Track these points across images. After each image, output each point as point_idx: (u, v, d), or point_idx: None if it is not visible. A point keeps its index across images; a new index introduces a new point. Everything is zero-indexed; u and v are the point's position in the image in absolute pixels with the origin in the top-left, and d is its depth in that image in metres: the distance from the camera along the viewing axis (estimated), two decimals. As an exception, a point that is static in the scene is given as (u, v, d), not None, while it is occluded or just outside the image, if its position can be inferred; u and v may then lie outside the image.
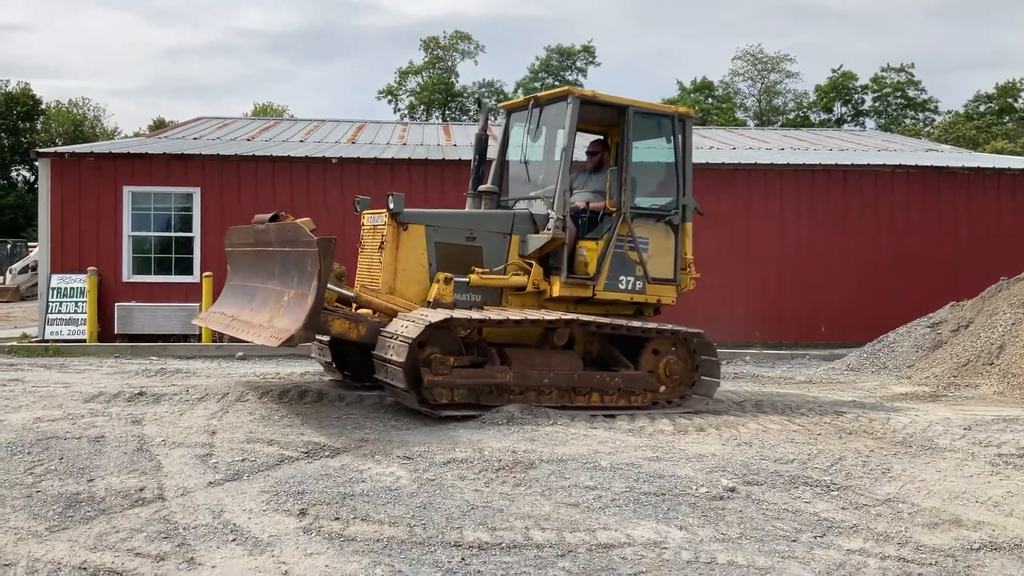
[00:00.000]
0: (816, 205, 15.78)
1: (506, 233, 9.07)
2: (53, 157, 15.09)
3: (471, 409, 7.96)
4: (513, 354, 8.29)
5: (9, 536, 4.56)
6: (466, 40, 63.55)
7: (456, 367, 7.96)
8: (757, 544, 4.64)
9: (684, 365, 9.02)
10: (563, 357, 8.57)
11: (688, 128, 9.49)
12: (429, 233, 8.84)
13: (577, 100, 8.93)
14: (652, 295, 9.29)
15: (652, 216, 9.30)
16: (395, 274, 8.73)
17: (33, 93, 54.89)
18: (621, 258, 9.05)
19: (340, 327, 8.15)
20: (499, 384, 8.11)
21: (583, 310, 9.00)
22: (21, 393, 8.97)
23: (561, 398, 8.35)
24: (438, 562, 4.29)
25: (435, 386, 7.86)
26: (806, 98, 61.29)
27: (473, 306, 8.73)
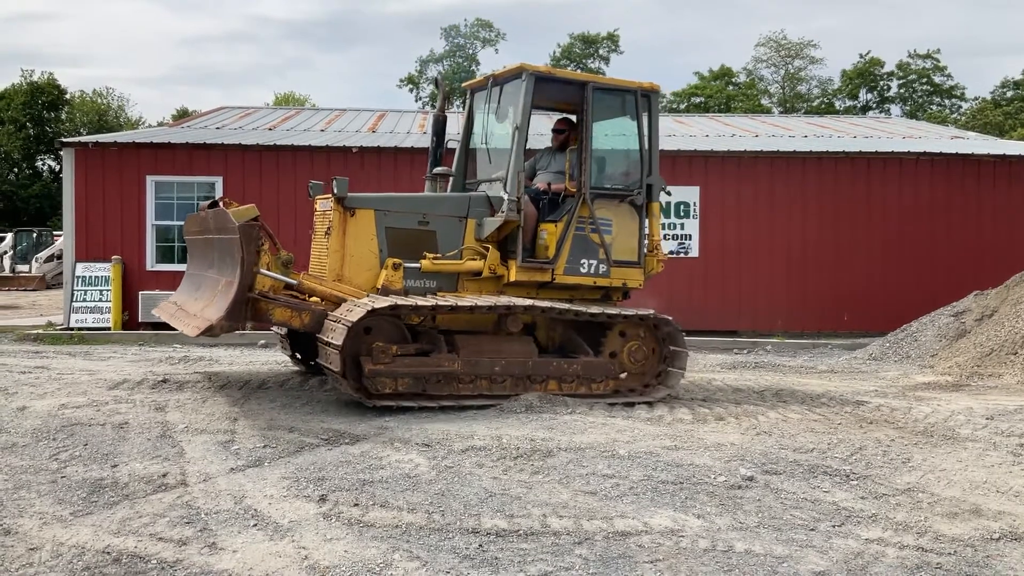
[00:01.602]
0: (840, 193, 15.64)
1: (462, 217, 8.79)
2: (77, 147, 15.23)
3: (417, 400, 7.79)
4: (462, 341, 8.11)
5: (34, 521, 4.64)
6: (487, 28, 63.38)
7: (400, 356, 7.80)
8: (775, 533, 4.64)
9: (649, 353, 8.74)
10: (516, 344, 8.33)
11: (654, 104, 9.11)
12: (379, 218, 8.62)
13: (532, 77, 8.58)
14: (617, 279, 8.97)
15: (614, 197, 8.96)
16: (343, 261, 8.55)
17: (58, 83, 55.35)
18: (582, 241, 8.74)
19: (282, 315, 7.98)
20: (447, 373, 7.93)
21: (546, 295, 8.75)
22: (46, 380, 9.09)
23: (516, 386, 8.10)
24: (456, 548, 4.32)
25: (377, 375, 7.69)
26: (831, 84, 60.71)
27: (427, 292, 8.51)
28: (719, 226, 15.36)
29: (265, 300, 7.93)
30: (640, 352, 8.69)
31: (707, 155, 15.60)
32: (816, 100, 59.82)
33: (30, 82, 54.59)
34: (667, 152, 15.50)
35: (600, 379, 8.41)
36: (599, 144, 9.05)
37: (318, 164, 15.23)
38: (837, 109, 56.35)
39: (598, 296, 9.07)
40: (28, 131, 53.22)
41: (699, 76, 60.21)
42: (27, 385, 8.73)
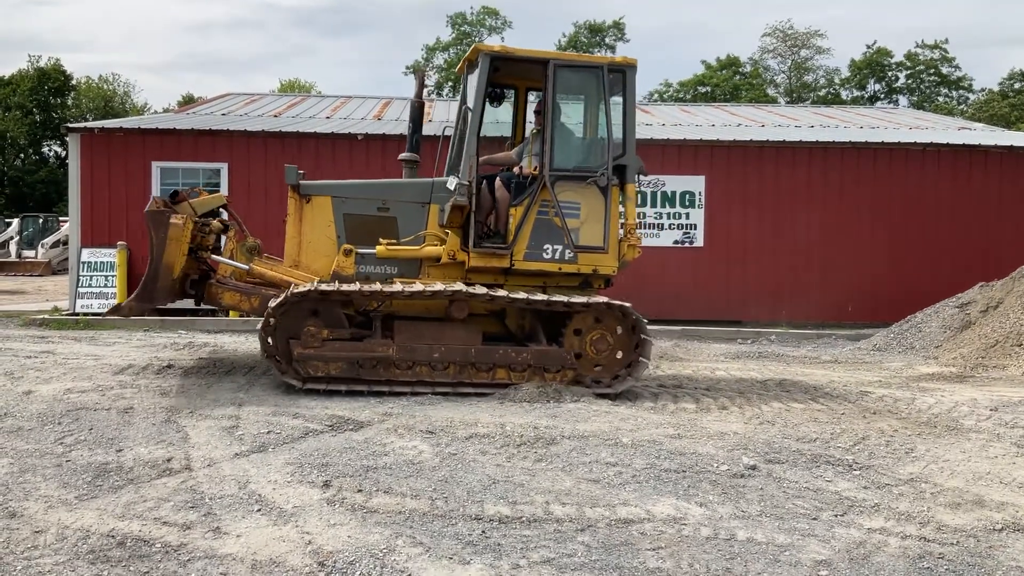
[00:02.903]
0: (845, 183, 15.59)
1: (424, 203, 8.66)
2: (83, 132, 15.23)
3: (350, 384, 7.84)
4: (399, 327, 8.08)
5: (40, 504, 4.66)
6: (494, 15, 63.24)
7: (331, 340, 7.90)
8: (777, 522, 4.65)
9: (613, 344, 8.33)
10: (459, 331, 8.14)
11: (629, 80, 8.54)
12: (336, 204, 8.68)
13: (487, 58, 8.35)
14: (585, 265, 8.50)
15: (578, 179, 8.46)
16: (299, 247, 8.72)
17: (64, 69, 55.36)
18: (546, 225, 8.38)
19: (231, 299, 8.41)
20: (382, 358, 7.95)
21: (515, 282, 8.51)
22: (52, 365, 9.12)
23: (459, 374, 8.01)
24: (459, 534, 4.34)
25: (306, 359, 7.83)
26: (837, 74, 60.45)
27: (388, 279, 8.50)
28: (724, 216, 15.33)
29: (217, 284, 8.45)
30: (603, 342, 8.29)
31: (713, 144, 15.56)
32: (823, 90, 59.58)
33: (37, 68, 54.59)
34: (673, 141, 15.50)
35: (555, 368, 8.12)
36: (567, 124, 8.78)
37: (323, 151, 15.23)
38: (844, 99, 56.15)
39: (575, 284, 8.66)
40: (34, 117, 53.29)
41: (706, 65, 60.00)
42: (33, 370, 8.76)
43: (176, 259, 8.14)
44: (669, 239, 15.21)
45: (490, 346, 8.14)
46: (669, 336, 13.48)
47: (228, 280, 8.63)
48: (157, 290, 7.93)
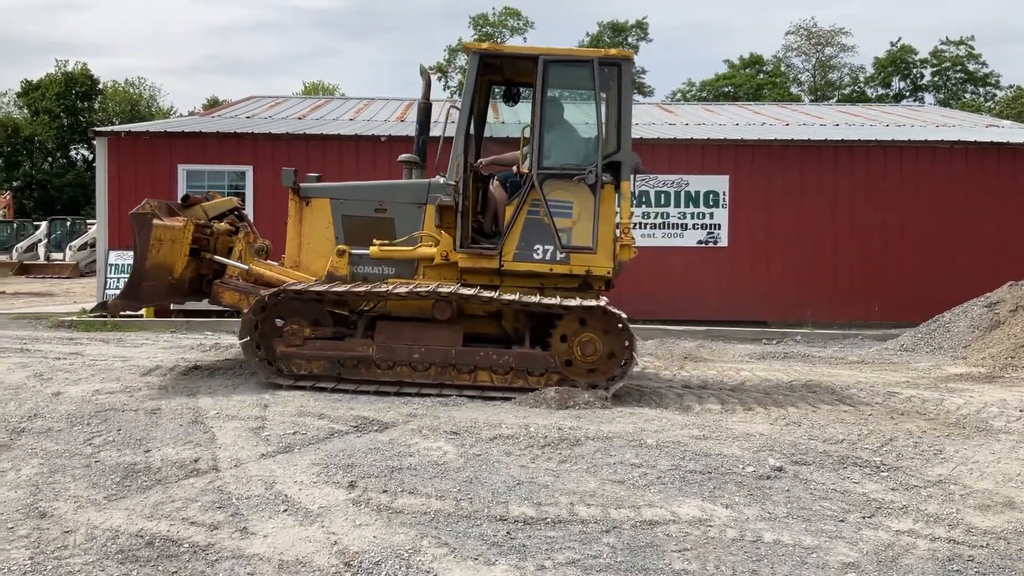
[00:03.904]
0: (871, 182, 15.46)
1: (420, 204, 8.59)
2: (110, 136, 15.40)
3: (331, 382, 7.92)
4: (380, 327, 8.11)
5: (69, 504, 4.72)
6: (516, 16, 63.27)
7: (313, 339, 8.03)
8: (804, 524, 4.62)
9: (602, 347, 8.02)
10: (439, 332, 8.05)
11: (624, 74, 8.23)
12: (335, 206, 8.77)
13: (476, 56, 8.28)
14: (578, 266, 8.25)
15: (566, 177, 8.20)
16: (299, 248, 8.87)
17: (91, 73, 55.99)
18: (537, 225, 8.19)
19: (231, 298, 8.65)
20: (362, 357, 8.00)
21: (511, 283, 8.37)
22: (81, 366, 9.23)
23: (440, 375, 7.98)
24: (484, 535, 4.35)
25: (288, 357, 8.02)
26: (862, 72, 59.98)
27: (385, 279, 8.52)
28: (749, 216, 15.24)
29: (220, 284, 8.75)
30: (590, 346, 8.00)
31: (737, 144, 15.48)
32: (848, 88, 59.12)
33: (64, 72, 55.25)
34: (696, 141, 15.44)
35: (539, 372, 7.95)
36: (559, 121, 8.59)
37: (347, 153, 15.30)
38: (869, 97, 55.68)
39: (573, 285, 8.40)
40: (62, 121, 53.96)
41: (729, 64, 59.73)
42: (62, 371, 8.86)
43: (176, 260, 8.48)
44: (693, 239, 15.15)
45: (471, 348, 8.05)
46: (693, 337, 13.43)
47: (230, 280, 8.85)
48: (143, 289, 8.17)
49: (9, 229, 35.86)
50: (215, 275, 9.02)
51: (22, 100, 56.03)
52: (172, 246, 8.40)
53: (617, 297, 14.56)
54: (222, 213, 9.44)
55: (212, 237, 9.08)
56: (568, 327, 8.00)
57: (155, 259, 8.18)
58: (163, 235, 8.23)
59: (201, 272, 9.05)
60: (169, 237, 8.33)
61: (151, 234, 8.03)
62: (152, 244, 8.07)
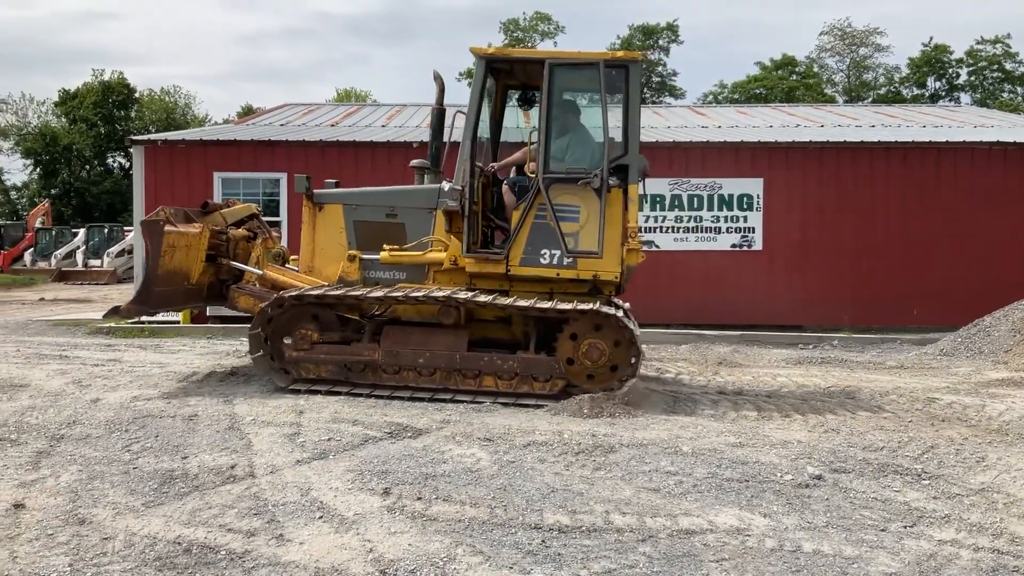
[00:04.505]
0: (908, 184, 15.25)
1: (431, 209, 8.59)
2: (147, 144, 15.60)
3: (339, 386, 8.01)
4: (387, 331, 8.15)
5: (108, 511, 4.76)
6: (546, 21, 63.27)
7: (320, 343, 8.11)
8: (844, 533, 4.55)
9: (608, 353, 7.92)
10: (445, 337, 8.07)
11: (631, 77, 8.11)
12: (347, 212, 8.86)
13: (482, 61, 8.28)
14: (585, 270, 8.15)
15: (571, 181, 8.10)
16: (313, 253, 8.98)
17: (127, 82, 56.78)
18: (544, 229, 8.13)
19: (246, 303, 8.81)
20: (368, 362, 8.04)
21: (520, 288, 8.32)
22: (119, 373, 9.34)
23: (445, 380, 7.97)
24: (519, 543, 4.32)
25: (298, 361, 8.12)
26: (897, 72, 59.25)
27: (396, 283, 8.54)
28: (783, 219, 15.10)
29: (236, 289, 8.92)
30: (595, 352, 7.91)
31: (771, 146, 15.35)
32: (882, 88, 58.42)
33: (101, 81, 56.06)
34: (729, 143, 15.33)
35: (544, 378, 7.90)
36: (566, 124, 8.49)
37: (379, 159, 15.38)
38: (905, 98, 54.97)
39: (583, 290, 8.31)
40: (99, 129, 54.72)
41: (761, 66, 59.27)
42: (100, 377, 8.97)
43: (192, 266, 8.65)
44: (727, 243, 15.03)
45: (475, 353, 8.04)
46: (727, 341, 13.31)
47: (245, 285, 9.00)
48: (154, 295, 8.32)
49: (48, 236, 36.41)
50: (234, 280, 9.17)
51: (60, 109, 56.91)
52: (188, 252, 8.56)
53: (648, 301, 14.54)
54: (240, 219, 9.59)
55: (229, 243, 9.23)
56: (572, 332, 7.95)
57: (168, 265, 8.32)
58: (176, 241, 8.37)
59: (221, 277, 9.22)
60: (184, 243, 8.48)
61: (163, 240, 8.16)
62: (164, 250, 8.20)
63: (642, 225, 14.89)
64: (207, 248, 8.84)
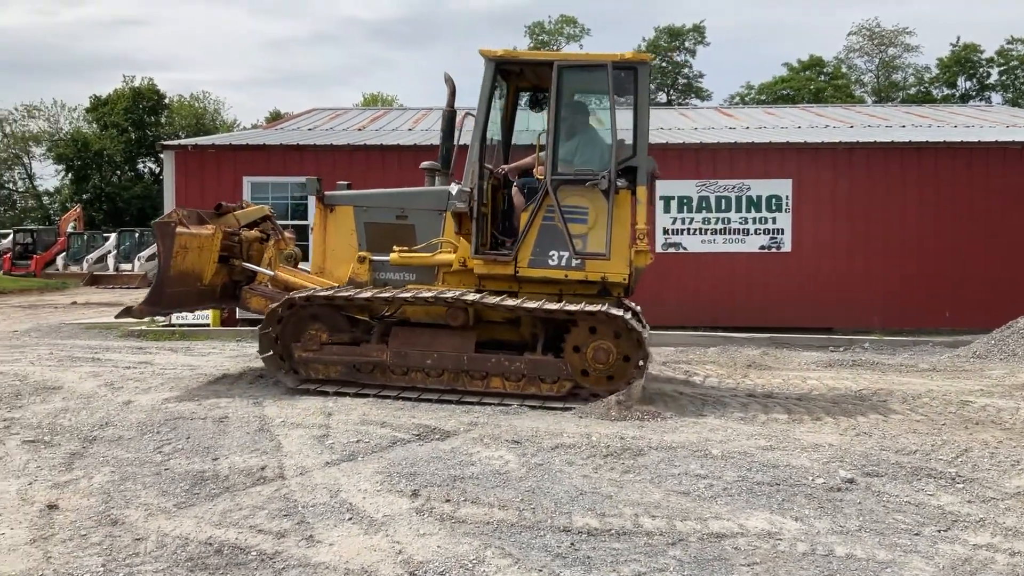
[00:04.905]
0: (940, 185, 15.06)
1: (440, 210, 8.63)
2: (178, 149, 15.76)
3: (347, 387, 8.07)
4: (395, 332, 8.19)
5: (140, 512, 4.81)
6: (571, 24, 63.23)
7: (330, 344, 8.18)
8: (877, 537, 4.49)
9: (615, 354, 7.88)
10: (453, 338, 8.09)
11: (640, 78, 8.06)
12: (357, 213, 8.93)
13: (491, 63, 8.24)
14: (593, 272, 8.12)
15: (579, 183, 8.08)
16: (324, 254, 9.05)
17: (157, 88, 57.38)
18: (552, 231, 8.12)
19: (258, 304, 8.89)
20: (376, 363, 8.08)
21: (530, 289, 8.33)
22: (150, 375, 9.43)
23: (453, 381, 8.00)
24: (547, 546, 4.31)
25: (307, 361, 8.20)
26: (927, 73, 58.55)
27: (405, 284, 8.61)
28: (813, 220, 14.96)
29: (248, 290, 9.01)
30: (602, 353, 7.86)
31: (800, 147, 15.22)
32: (912, 88, 57.78)
33: (132, 87, 56.70)
34: (758, 144, 15.22)
35: (552, 379, 7.90)
36: (574, 126, 8.47)
37: (406, 162, 15.40)
38: (935, 98, 54.31)
39: (592, 292, 8.31)
40: (130, 135, 55.32)
41: (788, 67, 58.82)
42: (132, 380, 9.07)
43: (205, 267, 8.75)
44: (755, 244, 14.92)
45: (483, 354, 8.06)
46: (757, 344, 13.21)
47: (257, 286, 9.09)
48: (166, 295, 8.43)
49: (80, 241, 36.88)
50: (248, 281, 9.26)
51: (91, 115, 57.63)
52: (200, 253, 8.66)
53: (675, 303, 14.47)
54: (254, 221, 9.68)
55: (242, 244, 9.34)
56: (580, 333, 7.93)
57: (180, 266, 8.42)
58: (188, 243, 8.46)
59: (234, 278, 9.32)
60: (196, 245, 8.57)
61: (174, 242, 8.26)
62: (176, 251, 8.31)
63: (669, 227, 14.86)
64: (220, 249, 8.96)
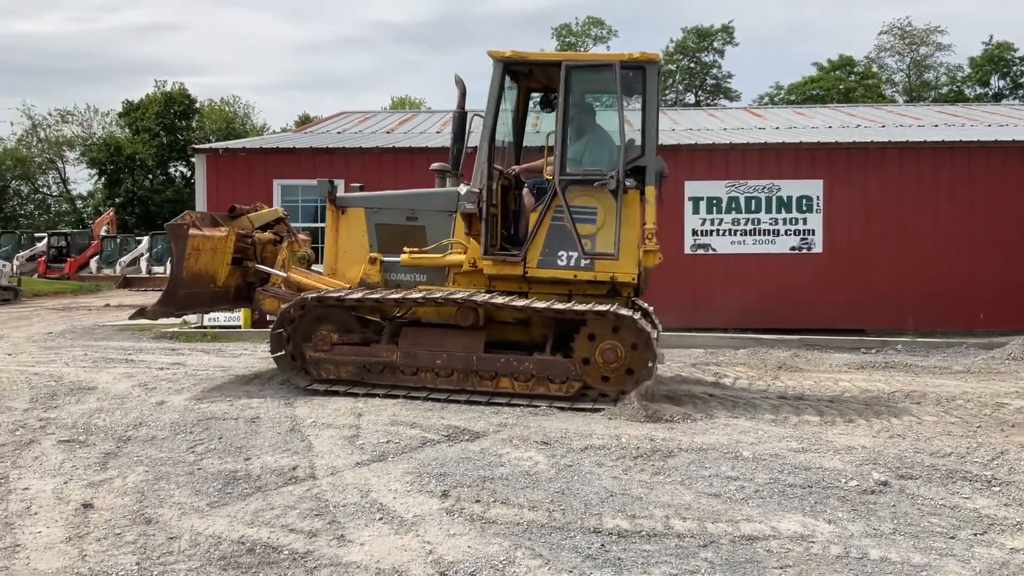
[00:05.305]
0: (974, 185, 14.86)
1: (451, 211, 8.64)
2: (209, 153, 15.93)
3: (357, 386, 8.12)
4: (405, 333, 8.22)
5: (174, 511, 4.86)
6: (599, 25, 63.12)
7: (340, 344, 8.23)
8: (912, 540, 4.44)
9: (625, 355, 7.83)
10: (462, 338, 8.11)
11: (648, 78, 8.06)
12: (369, 215, 8.99)
13: (499, 64, 8.33)
14: (602, 272, 8.12)
15: (588, 182, 8.08)
16: (336, 256, 9.11)
17: (188, 92, 58.00)
18: (561, 231, 8.13)
19: (271, 305, 8.96)
20: (387, 363, 8.11)
21: (539, 290, 8.33)
22: (183, 376, 9.53)
23: (463, 381, 8.01)
24: (578, 547, 4.30)
25: (319, 362, 8.29)
26: (960, 72, 57.81)
27: (416, 286, 8.65)
28: (844, 221, 14.82)
29: (261, 291, 9.09)
30: (611, 353, 7.83)
31: (831, 147, 15.08)
32: (944, 88, 57.07)
33: (163, 92, 57.35)
34: (788, 145, 15.11)
35: (561, 380, 7.88)
36: (582, 126, 8.49)
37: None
38: (967, 97, 53.60)
39: (602, 292, 8.29)
40: (161, 139, 55.97)
41: (818, 67, 58.32)
42: (165, 381, 9.16)
43: (218, 269, 8.84)
44: (786, 245, 14.80)
45: (492, 354, 8.06)
46: (787, 346, 13.11)
47: (271, 288, 9.18)
48: (180, 297, 8.50)
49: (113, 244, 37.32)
50: (261, 283, 9.36)
51: (124, 120, 58.39)
52: (213, 255, 8.74)
53: (705, 305, 14.39)
54: (268, 223, 9.76)
55: (256, 246, 9.44)
56: (588, 333, 7.90)
57: (193, 268, 8.49)
58: (201, 245, 8.54)
59: (248, 280, 9.41)
60: (209, 247, 8.66)
61: (187, 244, 8.34)
62: (189, 253, 8.38)
63: (698, 228, 14.78)
64: (233, 251, 9.06)
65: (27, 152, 60.52)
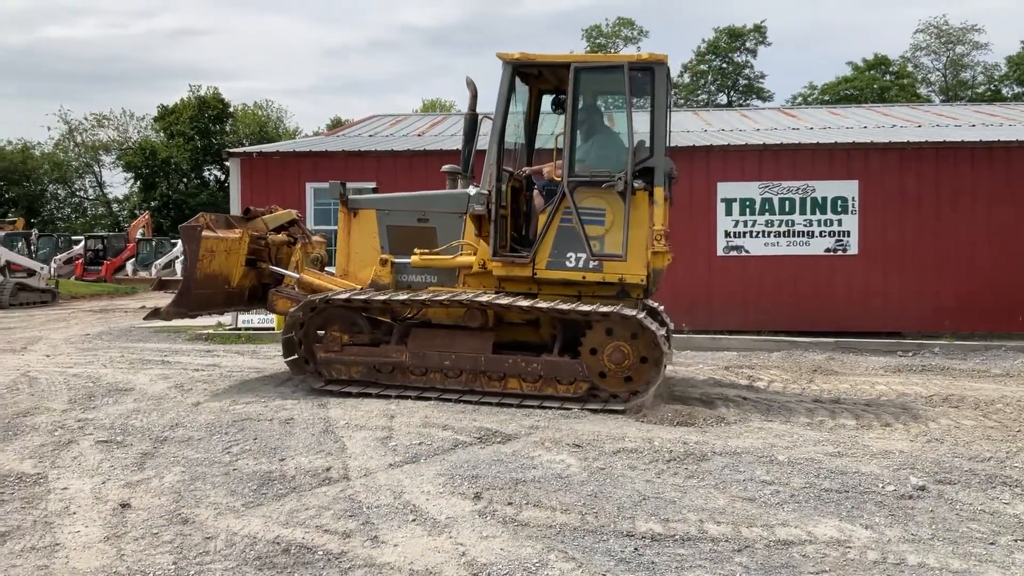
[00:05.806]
0: (1013, 185, 14.60)
1: (461, 213, 8.65)
2: (243, 156, 16.09)
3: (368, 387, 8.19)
4: (414, 334, 8.25)
5: (210, 511, 4.90)
6: (629, 26, 62.89)
7: (350, 345, 8.31)
8: (951, 546, 4.37)
9: (632, 355, 7.84)
10: (471, 339, 8.15)
11: (657, 79, 8.02)
12: (380, 217, 9.03)
13: (508, 66, 8.34)
14: (611, 273, 8.08)
15: (596, 184, 8.06)
16: (348, 257, 9.17)
17: (222, 97, 58.59)
18: (569, 233, 8.11)
19: (284, 306, 8.99)
20: (396, 363, 8.16)
21: (549, 291, 8.29)
22: (218, 378, 9.62)
23: (471, 382, 8.05)
24: (611, 551, 4.28)
25: (329, 362, 8.39)
26: (997, 71, 56.89)
27: (427, 287, 8.70)
28: (880, 222, 14.63)
29: (275, 292, 9.17)
30: (618, 354, 7.83)
31: (866, 147, 14.89)
32: (981, 87, 56.20)
33: (197, 96, 58.00)
34: (823, 145, 14.95)
35: (569, 380, 7.89)
36: (591, 127, 8.49)
37: (466, 167, 15.48)
38: (1005, 96, 52.74)
39: (611, 293, 8.24)
40: (196, 143, 56.56)
41: (853, 67, 57.68)
42: (201, 382, 9.26)
43: (233, 270, 8.94)
44: (820, 247, 14.64)
45: (500, 355, 8.09)
46: (822, 349, 12.98)
47: (284, 289, 9.25)
48: (193, 298, 8.61)
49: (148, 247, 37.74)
50: (275, 284, 9.45)
51: (159, 124, 59.08)
52: (227, 256, 8.83)
53: (739, 307, 14.29)
54: (282, 225, 9.84)
55: (270, 248, 9.54)
56: (595, 335, 7.91)
57: (207, 268, 8.59)
58: (215, 246, 8.63)
59: (263, 281, 9.51)
60: (223, 248, 8.74)
61: (200, 245, 8.44)
62: (203, 254, 8.48)
63: (731, 230, 14.68)
64: (248, 253, 9.15)
65: (64, 156, 61.49)
